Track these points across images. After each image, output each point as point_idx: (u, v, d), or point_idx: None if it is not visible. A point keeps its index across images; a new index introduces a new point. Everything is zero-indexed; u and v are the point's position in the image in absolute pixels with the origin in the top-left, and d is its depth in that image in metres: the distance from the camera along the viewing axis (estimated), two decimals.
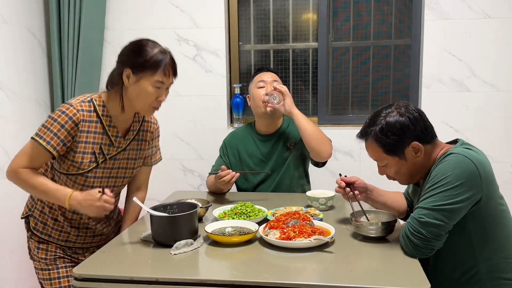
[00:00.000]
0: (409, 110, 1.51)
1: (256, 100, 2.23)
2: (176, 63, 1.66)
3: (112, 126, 1.68)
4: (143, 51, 1.61)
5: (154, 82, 1.59)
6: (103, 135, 1.66)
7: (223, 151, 2.34)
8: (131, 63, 1.60)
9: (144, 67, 1.58)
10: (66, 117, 1.57)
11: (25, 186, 1.61)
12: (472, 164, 1.39)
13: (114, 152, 1.70)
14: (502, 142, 2.75)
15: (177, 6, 2.92)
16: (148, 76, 1.59)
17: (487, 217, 1.43)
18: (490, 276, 1.45)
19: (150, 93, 1.60)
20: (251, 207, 1.82)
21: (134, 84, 1.60)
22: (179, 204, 1.69)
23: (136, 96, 1.62)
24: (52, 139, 1.56)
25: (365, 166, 2.85)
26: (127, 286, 1.31)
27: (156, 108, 1.68)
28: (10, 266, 2.52)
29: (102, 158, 1.67)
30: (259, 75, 2.28)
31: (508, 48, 2.69)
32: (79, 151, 1.62)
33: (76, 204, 1.55)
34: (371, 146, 1.57)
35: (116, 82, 1.65)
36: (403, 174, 1.56)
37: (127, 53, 1.65)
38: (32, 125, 2.72)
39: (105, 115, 1.66)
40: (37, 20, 2.79)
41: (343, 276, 1.30)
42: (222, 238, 1.54)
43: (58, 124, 1.57)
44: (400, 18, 2.92)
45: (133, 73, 1.60)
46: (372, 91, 3.01)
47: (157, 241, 1.53)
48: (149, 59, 1.58)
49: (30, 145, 1.61)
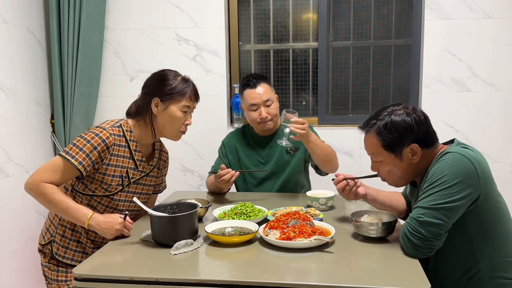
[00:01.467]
0: (416, 112, 1.52)
1: (252, 122, 2.24)
2: (197, 90, 1.82)
3: (138, 151, 1.78)
4: (168, 80, 1.75)
5: (182, 107, 1.74)
6: (130, 159, 1.75)
7: (222, 151, 2.34)
8: (159, 93, 1.73)
9: (172, 94, 1.73)
10: (99, 140, 1.64)
11: (44, 200, 1.62)
12: (469, 162, 1.39)
13: (138, 176, 1.80)
14: (502, 142, 2.75)
15: (177, 6, 2.92)
16: (176, 102, 1.73)
17: (486, 215, 1.44)
18: (491, 275, 1.44)
19: (179, 117, 1.75)
20: (251, 207, 1.82)
21: (163, 112, 1.74)
22: (179, 204, 1.69)
23: (166, 122, 1.75)
24: (84, 159, 1.62)
25: (365, 166, 2.83)
26: (127, 286, 1.31)
27: (183, 132, 1.81)
28: (10, 266, 2.52)
29: (127, 182, 1.76)
30: (248, 94, 2.19)
31: (508, 48, 2.68)
32: (109, 174, 1.69)
33: (95, 225, 1.60)
34: (371, 139, 1.56)
35: (144, 111, 1.76)
36: (394, 174, 1.56)
37: (153, 84, 1.77)
38: (32, 125, 2.72)
39: (132, 140, 1.76)
40: (37, 20, 2.79)
41: (343, 276, 1.30)
42: (222, 238, 1.53)
43: (91, 146, 1.63)
44: (400, 18, 2.92)
45: (162, 101, 1.73)
46: (372, 91, 3.01)
47: (157, 241, 1.53)
48: (175, 86, 1.74)
49: (59, 162, 1.63)
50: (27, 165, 2.65)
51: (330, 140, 2.87)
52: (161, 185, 2.00)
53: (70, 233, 1.76)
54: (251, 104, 2.18)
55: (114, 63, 3.01)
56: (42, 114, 2.83)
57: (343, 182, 1.71)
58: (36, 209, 2.72)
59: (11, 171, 2.53)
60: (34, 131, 2.75)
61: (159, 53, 2.97)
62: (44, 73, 2.86)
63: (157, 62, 2.97)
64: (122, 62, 3.00)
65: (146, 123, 1.76)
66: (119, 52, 3.00)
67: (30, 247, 2.66)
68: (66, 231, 1.76)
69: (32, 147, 2.71)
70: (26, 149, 2.65)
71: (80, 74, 2.80)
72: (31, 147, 2.70)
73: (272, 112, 2.19)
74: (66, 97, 2.82)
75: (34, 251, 2.70)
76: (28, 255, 2.66)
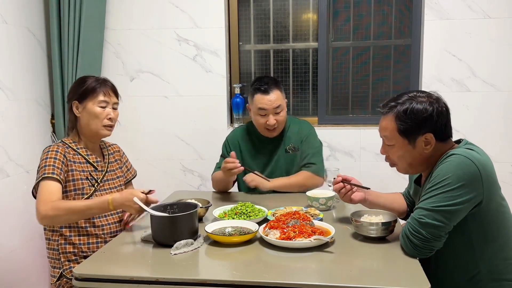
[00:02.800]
0: (440, 103, 1.49)
1: (258, 126, 2.23)
2: (115, 85, 1.92)
3: (90, 155, 1.89)
4: (83, 82, 1.86)
5: (99, 102, 1.83)
6: (87, 164, 1.86)
7: (226, 148, 2.33)
8: (76, 95, 1.84)
9: (86, 93, 1.83)
10: (54, 151, 1.76)
11: (66, 213, 1.66)
12: (474, 166, 1.38)
13: (101, 175, 1.89)
14: (502, 142, 2.75)
15: (177, 6, 2.92)
16: (91, 99, 1.83)
17: (488, 218, 1.43)
18: (491, 277, 1.44)
19: (98, 112, 1.83)
20: (251, 207, 1.82)
21: (83, 111, 1.84)
22: (179, 204, 1.69)
23: (88, 120, 1.84)
24: (54, 169, 1.71)
25: (365, 166, 2.85)
26: (127, 286, 1.31)
27: (109, 126, 1.87)
28: (10, 266, 2.52)
29: (95, 182, 1.86)
30: (259, 99, 2.16)
31: (508, 48, 2.68)
32: (77, 178, 1.80)
33: (119, 205, 1.68)
34: (387, 122, 1.52)
35: (72, 119, 1.88)
36: (405, 161, 1.53)
37: (72, 90, 1.89)
38: (32, 125, 2.72)
39: (80, 148, 1.87)
40: (37, 20, 2.79)
41: (343, 276, 1.30)
42: (222, 238, 1.54)
43: (51, 159, 1.74)
44: (400, 18, 2.92)
45: (79, 102, 1.84)
46: (372, 91, 3.01)
47: (157, 241, 1.53)
48: (88, 86, 1.84)
49: (42, 186, 1.70)
50: (27, 165, 2.65)
51: (330, 140, 2.88)
52: (129, 172, 2.10)
53: (71, 247, 1.80)
54: (260, 108, 2.16)
55: (114, 63, 3.01)
56: (42, 114, 2.83)
57: (339, 184, 1.69)
58: None
59: (11, 171, 2.53)
60: (34, 131, 2.75)
61: (159, 53, 2.97)
62: (44, 73, 2.86)
63: (157, 62, 2.98)
64: (122, 62, 3.00)
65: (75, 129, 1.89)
66: (119, 52, 3.00)
67: (30, 247, 2.66)
68: (67, 248, 1.80)
69: (32, 147, 2.70)
70: (26, 149, 2.65)
71: (80, 74, 2.80)
72: (31, 147, 2.70)
73: (280, 120, 2.18)
74: (66, 97, 2.82)
75: (34, 251, 2.70)
76: (28, 255, 2.66)
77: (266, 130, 2.20)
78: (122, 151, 2.10)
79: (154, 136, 3.04)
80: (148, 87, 3.00)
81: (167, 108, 3.02)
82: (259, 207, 1.85)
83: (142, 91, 3.00)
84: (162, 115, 3.03)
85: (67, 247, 1.79)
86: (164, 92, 3.00)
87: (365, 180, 1.76)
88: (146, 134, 3.03)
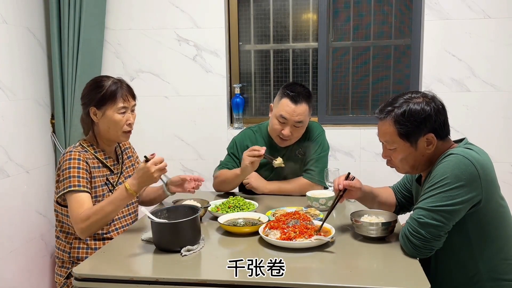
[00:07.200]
0: (436, 101, 1.49)
1: (272, 131, 2.17)
2: (132, 87, 1.84)
3: (108, 158, 1.87)
4: (99, 87, 1.78)
5: (118, 109, 1.77)
6: (104, 167, 1.85)
7: (233, 149, 2.27)
8: (93, 101, 1.77)
9: (104, 100, 1.76)
10: (75, 160, 1.72)
11: (101, 216, 1.65)
12: (472, 165, 1.38)
13: (116, 178, 1.88)
14: (502, 142, 2.75)
15: (177, 6, 2.92)
16: (111, 107, 1.77)
17: (487, 218, 1.43)
18: (490, 277, 1.44)
19: (118, 120, 1.78)
20: (242, 200, 1.91)
21: (102, 118, 1.79)
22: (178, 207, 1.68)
23: (108, 127, 1.79)
24: (80, 181, 1.69)
25: (365, 166, 2.85)
26: (127, 286, 1.31)
27: (128, 132, 1.84)
28: (10, 266, 2.52)
29: (111, 187, 1.85)
30: (285, 105, 2.06)
31: (507, 48, 2.69)
32: (98, 186, 1.79)
33: (137, 188, 1.65)
34: (386, 126, 1.51)
35: (88, 122, 1.83)
36: (407, 163, 1.53)
37: (87, 94, 1.82)
38: (32, 125, 2.72)
39: (98, 151, 1.84)
40: (37, 20, 2.79)
41: (343, 276, 1.30)
42: (234, 228, 1.63)
43: (74, 168, 1.70)
44: (400, 19, 2.92)
45: (98, 109, 1.78)
46: (372, 91, 3.01)
47: (162, 248, 1.49)
48: (106, 92, 1.76)
49: (71, 199, 1.69)
50: (27, 165, 2.65)
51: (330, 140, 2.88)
52: None
53: (84, 252, 1.81)
54: (281, 115, 2.07)
55: (114, 63, 3.01)
56: (42, 114, 2.83)
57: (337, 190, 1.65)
58: (36, 209, 2.72)
59: (11, 171, 2.53)
60: (34, 131, 2.75)
61: (159, 53, 2.97)
62: (44, 73, 2.86)
63: (157, 62, 2.98)
64: (122, 62, 3.00)
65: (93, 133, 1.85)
66: (119, 52, 3.00)
67: (30, 247, 2.66)
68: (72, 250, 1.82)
69: (32, 147, 2.70)
70: (26, 149, 2.65)
71: (80, 74, 2.80)
72: (31, 147, 2.70)
73: (296, 135, 2.13)
74: (66, 97, 2.82)
75: (34, 251, 2.70)
76: (28, 256, 2.66)
77: (278, 137, 2.14)
78: (132, 147, 2.08)
79: (154, 136, 3.04)
80: (148, 87, 3.00)
81: (167, 108, 3.02)
82: (248, 200, 1.94)
83: (142, 91, 2.99)
84: (162, 115, 3.03)
85: (80, 251, 1.80)
86: (164, 92, 3.00)
87: (365, 180, 1.76)
88: (146, 134, 3.03)
